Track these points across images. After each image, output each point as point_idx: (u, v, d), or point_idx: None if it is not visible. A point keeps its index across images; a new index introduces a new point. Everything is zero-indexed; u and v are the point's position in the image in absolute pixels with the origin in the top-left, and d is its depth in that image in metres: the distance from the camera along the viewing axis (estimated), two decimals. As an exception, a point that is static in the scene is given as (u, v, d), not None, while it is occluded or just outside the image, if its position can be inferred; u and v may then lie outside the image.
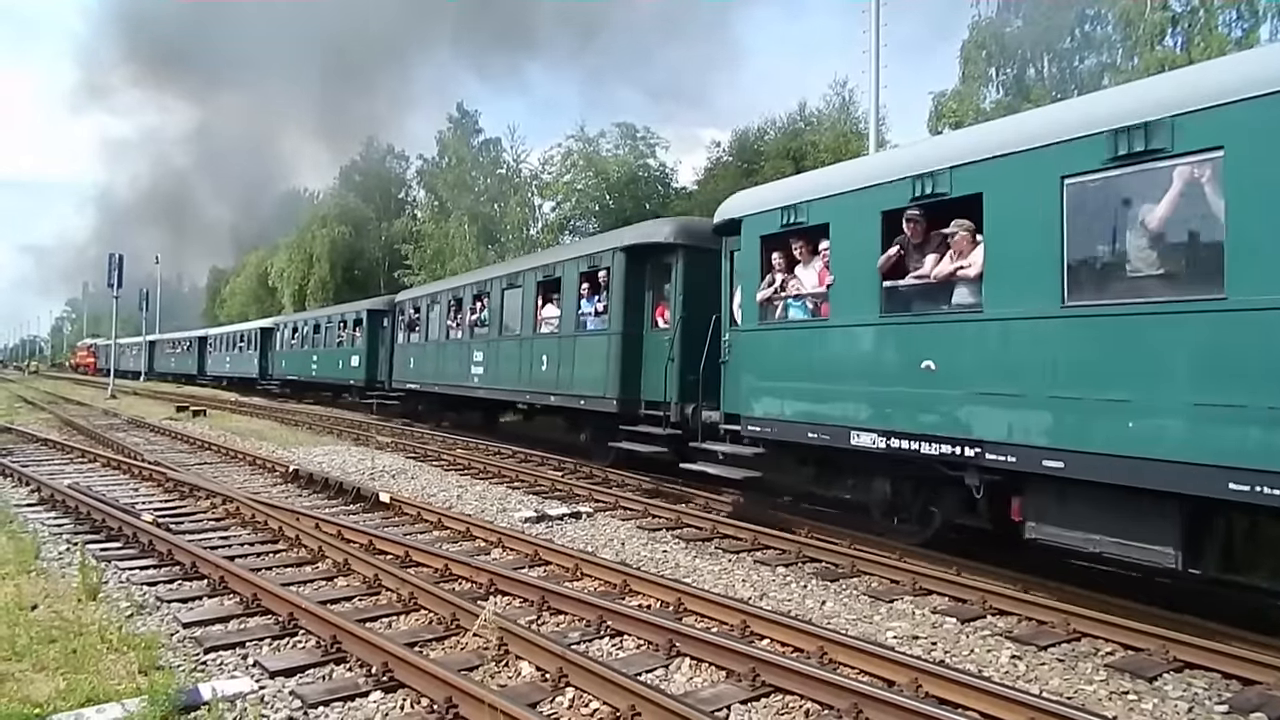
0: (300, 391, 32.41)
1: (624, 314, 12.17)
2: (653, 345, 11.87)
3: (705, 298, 10.60)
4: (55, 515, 9.25)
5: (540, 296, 14.77)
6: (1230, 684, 5.08)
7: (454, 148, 39.70)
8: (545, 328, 14.44)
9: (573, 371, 13.24)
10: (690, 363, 10.68)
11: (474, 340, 17.45)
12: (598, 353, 12.57)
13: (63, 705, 4.27)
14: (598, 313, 12.86)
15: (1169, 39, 23.06)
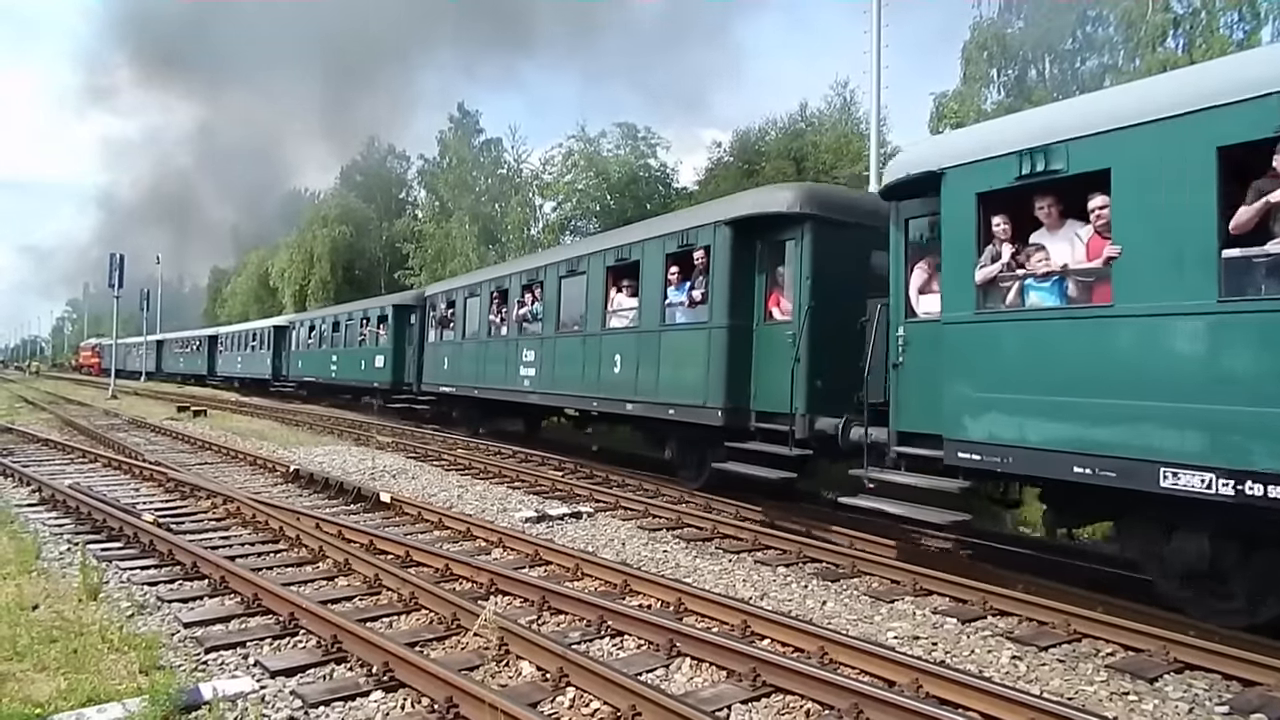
0: (318, 395, 30.37)
1: (730, 303, 9.86)
2: (768, 342, 9.63)
3: (839, 282, 8.84)
4: (56, 515, 9.25)
5: (611, 284, 12.57)
6: (1231, 685, 5.08)
7: (455, 148, 39.73)
8: (618, 321, 12.34)
9: (657, 374, 11.04)
10: (822, 364, 8.82)
11: (524, 337, 15.23)
12: (693, 351, 10.35)
13: (64, 705, 4.27)
14: (692, 302, 10.64)
15: (1170, 40, 23.06)
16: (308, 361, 30.67)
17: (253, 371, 37.53)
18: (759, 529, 8.90)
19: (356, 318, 26.14)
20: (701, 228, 10.59)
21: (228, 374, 42.14)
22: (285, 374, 33.46)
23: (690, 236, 10.79)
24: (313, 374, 29.94)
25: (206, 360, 45.49)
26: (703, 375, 10.08)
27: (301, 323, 32.68)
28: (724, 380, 9.76)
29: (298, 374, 31.86)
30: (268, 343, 35.48)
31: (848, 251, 8.92)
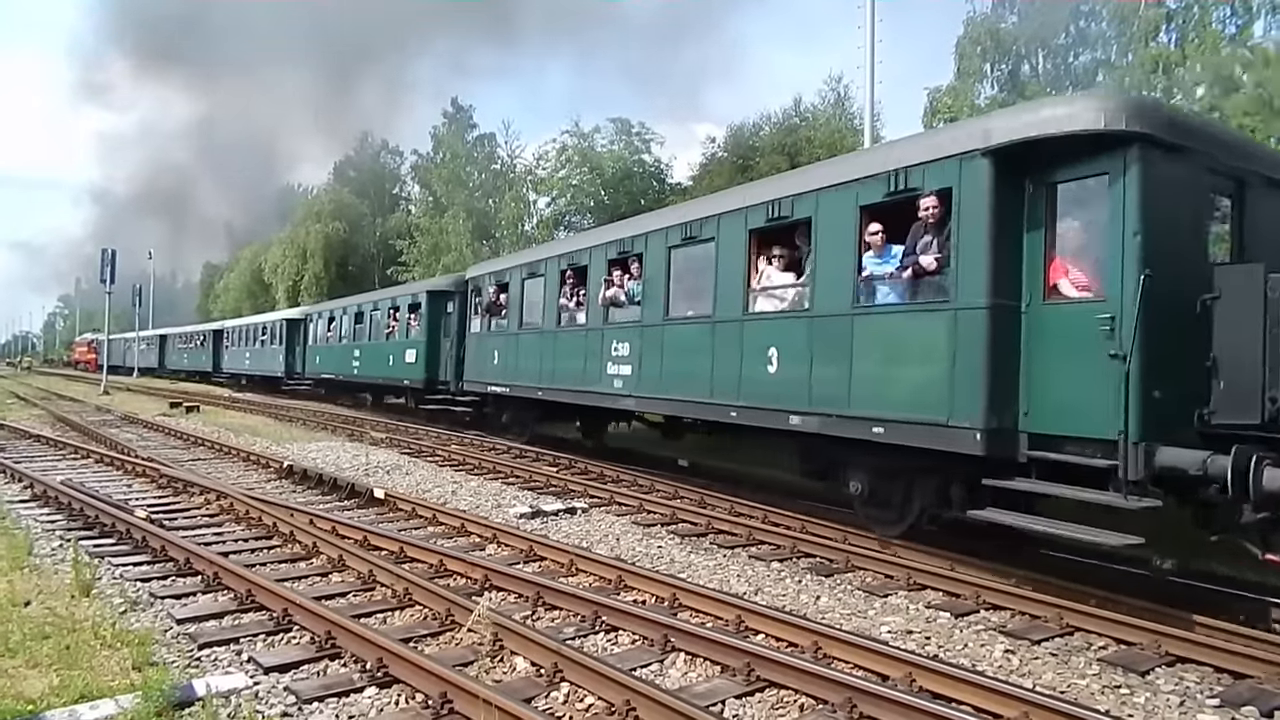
0: (338, 393, 27.52)
1: (991, 272, 6.77)
2: (1051, 329, 6.61)
3: (1179, 241, 6.26)
4: (48, 512, 9.21)
5: (755, 253, 9.56)
6: (1222, 678, 5.11)
7: (448, 143, 39.69)
8: (768, 303, 9.42)
9: (848, 373, 7.97)
10: (1168, 368, 6.01)
11: (612, 326, 12.35)
12: (920, 343, 7.36)
13: (56, 701, 4.26)
14: (917, 273, 7.51)
15: (1163, 35, 23.11)
16: (326, 357, 27.96)
17: (263, 368, 34.42)
18: (753, 525, 8.91)
19: (384, 307, 23.22)
20: (929, 165, 7.44)
21: (235, 371, 39.03)
22: (300, 371, 30.75)
23: (908, 178, 7.60)
24: (332, 370, 27.07)
25: (212, 356, 42.28)
26: (943, 378, 7.04)
27: (319, 315, 29.70)
28: (985, 387, 6.68)
29: (314, 371, 29.13)
30: (280, 337, 32.47)
31: (1188, 196, 6.42)
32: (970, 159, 7.02)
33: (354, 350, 25.38)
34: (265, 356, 34.29)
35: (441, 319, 19.98)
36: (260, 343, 35.22)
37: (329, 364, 27.66)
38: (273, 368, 33.00)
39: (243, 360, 37.64)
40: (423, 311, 20.54)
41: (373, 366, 23.57)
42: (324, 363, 28.27)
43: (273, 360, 33.02)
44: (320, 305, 32.60)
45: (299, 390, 30.68)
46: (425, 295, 20.72)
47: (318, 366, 28.89)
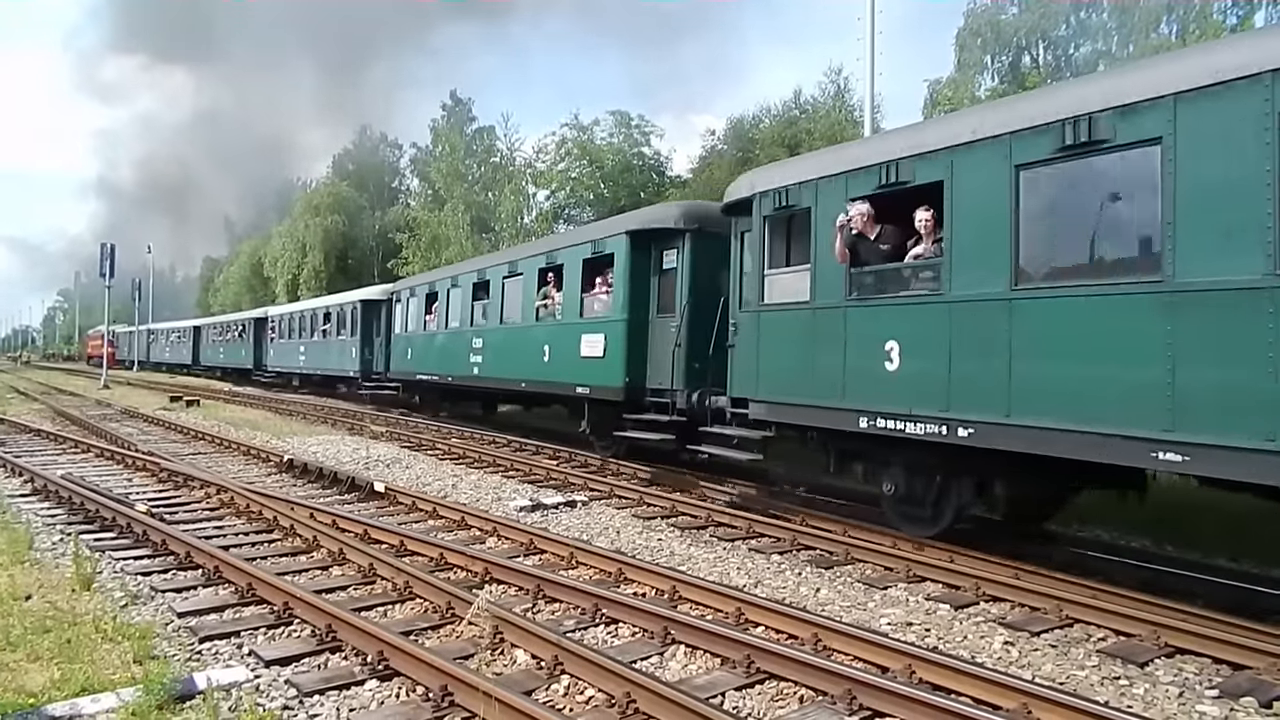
0: (445, 403, 20.24)
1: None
2: None
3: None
4: (49, 506, 9.22)
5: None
6: (1221, 669, 5.11)
7: (447, 136, 39.61)
8: None
9: None
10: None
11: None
12: None
13: (57, 695, 4.27)
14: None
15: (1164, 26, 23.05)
16: (426, 352, 19.95)
17: (326, 365, 26.66)
18: (753, 517, 8.91)
19: (530, 270, 15.11)
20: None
21: (285, 368, 31.50)
22: (383, 370, 23.00)
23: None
24: (434, 370, 19.14)
25: (252, 350, 35.45)
26: None
27: (412, 291, 21.38)
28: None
29: (404, 370, 21.05)
30: (351, 325, 24.51)
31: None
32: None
33: (474, 339, 16.93)
34: (330, 351, 26.61)
35: (645, 280, 12.03)
36: (321, 333, 27.61)
37: (429, 361, 19.61)
38: (341, 365, 25.40)
39: (294, 356, 30.30)
40: (624, 263, 12.04)
41: (519, 361, 14.87)
42: (420, 358, 20.24)
43: (342, 357, 25.41)
44: (412, 280, 24.29)
45: (380, 395, 23.25)
46: (626, 239, 12.08)
47: (409, 364, 20.85)
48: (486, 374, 16.45)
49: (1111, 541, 8.08)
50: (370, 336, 23.70)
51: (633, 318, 11.91)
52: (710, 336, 10.48)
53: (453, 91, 41.58)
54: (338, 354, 25.84)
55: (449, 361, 18.27)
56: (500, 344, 16.00)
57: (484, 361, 16.55)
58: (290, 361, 30.73)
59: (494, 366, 16.17)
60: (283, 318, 32.37)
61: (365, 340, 23.76)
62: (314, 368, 28.28)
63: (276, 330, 32.74)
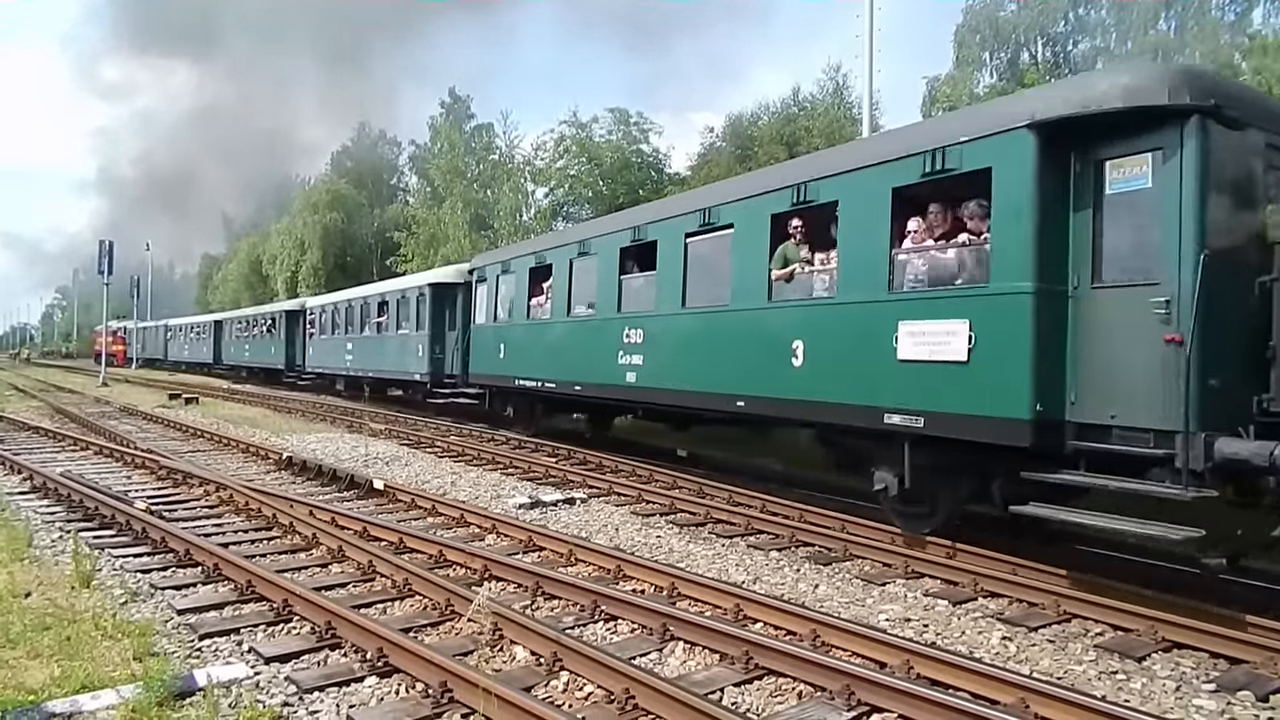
0: (556, 410, 14.93)
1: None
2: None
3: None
4: (48, 503, 9.22)
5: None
6: (1218, 663, 5.14)
7: (446, 133, 39.57)
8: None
9: None
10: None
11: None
12: None
13: (57, 692, 4.27)
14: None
15: (1163, 23, 23.05)
16: (528, 356, 14.53)
17: (383, 366, 21.40)
18: (752, 514, 8.93)
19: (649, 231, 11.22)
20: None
21: (324, 367, 26.15)
22: (460, 372, 17.84)
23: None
24: (558, 377, 13.44)
25: (284, 347, 29.79)
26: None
27: (504, 268, 15.91)
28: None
29: (492, 373, 15.84)
30: (415, 318, 19.67)
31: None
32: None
33: (627, 331, 11.55)
34: (387, 349, 21.48)
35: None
36: (375, 326, 22.05)
37: (536, 361, 14.10)
38: (404, 366, 20.03)
39: (339, 354, 24.88)
40: (1020, 184, 6.60)
41: (717, 368, 9.81)
42: (523, 358, 14.55)
43: (403, 354, 20.20)
44: (504, 251, 18.41)
45: (455, 405, 18.28)
46: (1030, 139, 6.53)
47: (502, 365, 15.30)
48: (653, 383, 10.93)
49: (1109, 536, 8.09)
50: (442, 330, 18.82)
51: (1047, 289, 6.25)
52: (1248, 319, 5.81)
53: (451, 89, 41.55)
54: (397, 352, 20.52)
55: (577, 364, 12.76)
56: (683, 338, 10.41)
57: (646, 365, 11.08)
58: (333, 361, 25.23)
59: (669, 372, 10.60)
60: (324, 309, 26.94)
61: (436, 334, 18.76)
62: (365, 369, 22.70)
63: (316, 324, 27.41)
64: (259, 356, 34.05)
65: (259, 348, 34.01)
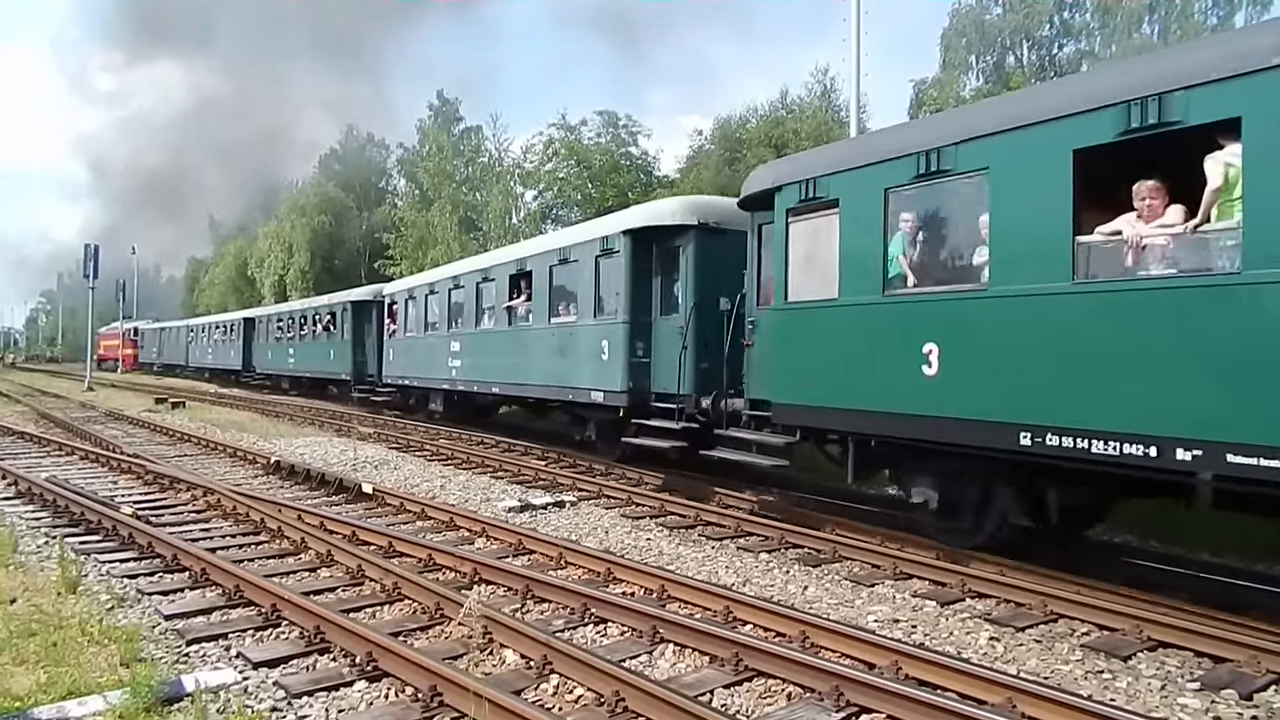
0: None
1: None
2: None
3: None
4: (33, 508, 9.15)
5: None
6: (1202, 662, 5.18)
7: (434, 136, 39.47)
8: None
9: None
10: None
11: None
12: None
13: (44, 698, 4.24)
14: None
15: (1146, 26, 23.26)
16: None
17: (530, 379, 14.11)
18: (742, 516, 8.95)
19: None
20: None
21: (421, 380, 18.90)
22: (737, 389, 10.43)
23: None
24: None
25: (350, 350, 23.82)
26: None
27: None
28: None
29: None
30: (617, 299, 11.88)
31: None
32: None
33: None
34: (496, 346, 15.49)
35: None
36: (503, 313, 15.08)
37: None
38: (588, 382, 12.35)
39: (426, 360, 18.46)
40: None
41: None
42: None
43: (591, 364, 12.34)
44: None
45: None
46: None
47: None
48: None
49: (1095, 537, 8.16)
50: (638, 334, 11.65)
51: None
52: None
53: (439, 91, 41.46)
54: (586, 361, 12.32)
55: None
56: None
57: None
58: (418, 368, 18.88)
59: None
60: (413, 295, 19.75)
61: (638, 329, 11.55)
62: (493, 380, 15.36)
63: (407, 318, 20.01)
64: (310, 362, 27.32)
65: (310, 352, 27.35)
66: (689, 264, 10.72)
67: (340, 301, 26.06)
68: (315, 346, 28.16)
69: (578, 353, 12.52)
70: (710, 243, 10.63)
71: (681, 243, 10.88)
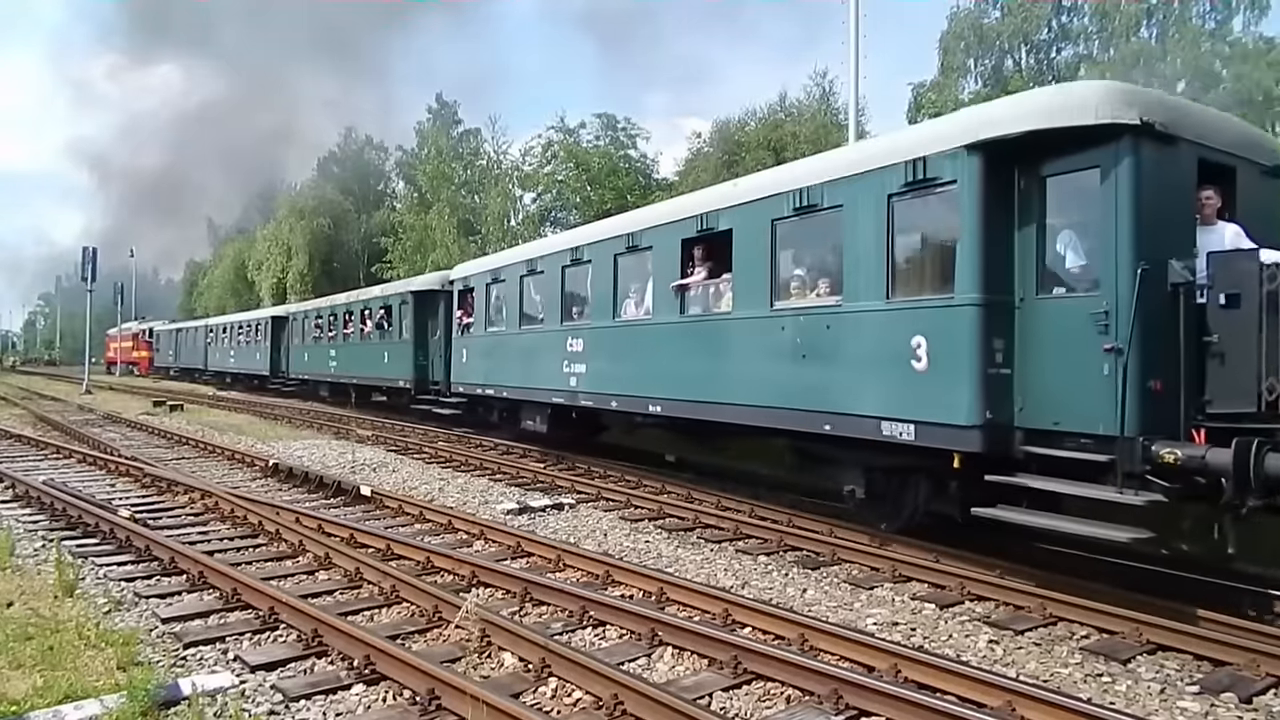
0: None
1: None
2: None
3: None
4: (30, 512, 9.13)
5: None
6: (1201, 665, 5.18)
7: (433, 139, 39.50)
8: None
9: None
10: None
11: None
12: None
13: (40, 702, 4.23)
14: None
15: (1144, 31, 23.30)
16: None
17: (651, 391, 10.55)
18: (740, 519, 8.94)
19: None
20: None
21: (488, 384, 15.29)
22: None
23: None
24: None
25: (409, 355, 19.26)
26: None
27: None
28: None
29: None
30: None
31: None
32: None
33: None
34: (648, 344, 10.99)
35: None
36: (623, 301, 11.49)
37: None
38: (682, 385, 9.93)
39: (553, 367, 12.80)
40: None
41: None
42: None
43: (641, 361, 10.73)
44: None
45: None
46: None
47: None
48: None
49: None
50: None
51: None
52: None
53: (438, 94, 41.55)
54: (867, 371, 7.72)
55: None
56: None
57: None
58: (521, 375, 14.01)
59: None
60: (501, 278, 15.12)
61: (991, 326, 7.07)
62: (649, 394, 10.81)
63: (490, 309, 15.55)
64: (358, 366, 22.82)
65: (358, 354, 22.99)
66: (1123, 199, 6.01)
67: (399, 292, 20.83)
68: (364, 348, 22.51)
69: (845, 357, 7.84)
70: (1158, 161, 6.14)
71: (1104, 161, 6.15)
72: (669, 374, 10.23)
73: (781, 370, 8.44)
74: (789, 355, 8.37)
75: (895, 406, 7.13)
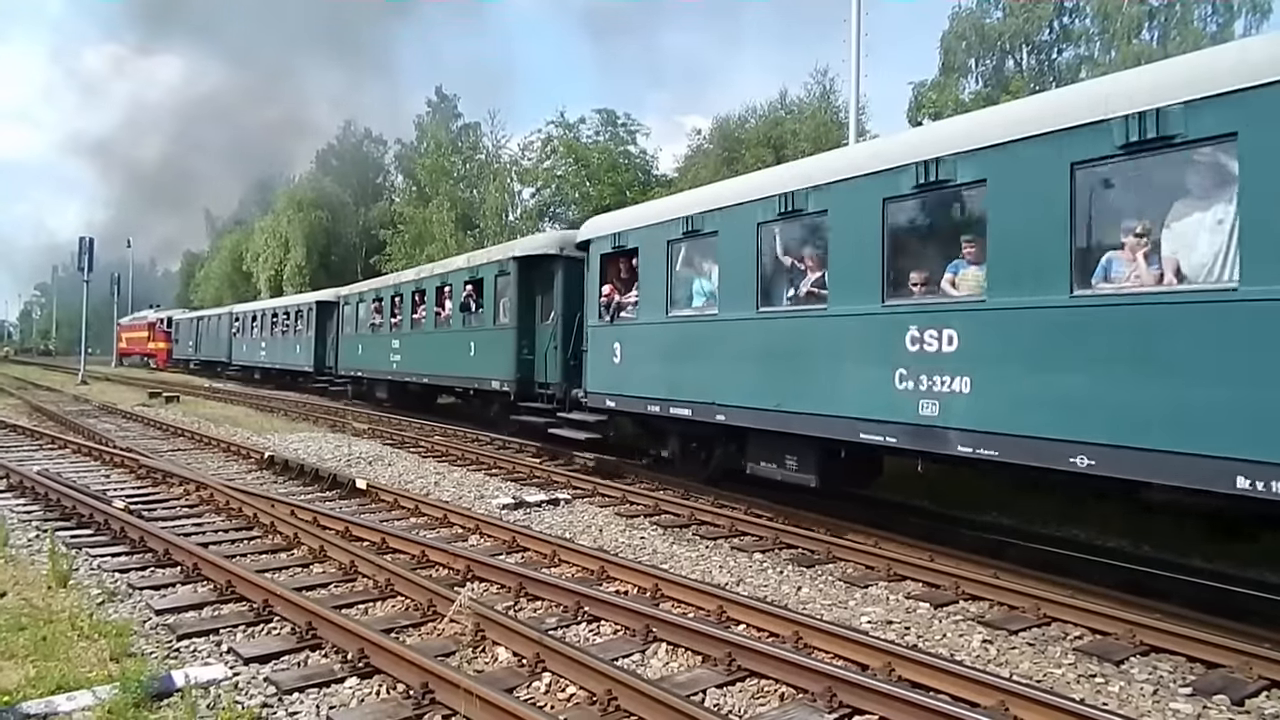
0: None
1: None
2: None
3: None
4: (24, 502, 9.11)
5: None
6: (1194, 667, 5.18)
7: (433, 132, 39.45)
8: None
9: None
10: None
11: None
12: None
13: (33, 693, 4.22)
14: None
15: (1146, 33, 23.29)
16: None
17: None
18: (736, 516, 8.94)
19: None
20: None
21: (724, 406, 8.90)
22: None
23: None
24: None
25: (511, 349, 14.13)
26: None
27: None
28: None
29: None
30: None
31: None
32: None
33: None
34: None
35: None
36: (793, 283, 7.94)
37: None
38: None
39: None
40: None
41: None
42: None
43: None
44: None
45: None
46: None
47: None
48: None
49: (1088, 541, 8.17)
50: None
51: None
52: None
53: (438, 88, 41.52)
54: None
55: None
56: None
57: None
58: (702, 383, 9.40)
59: None
60: (690, 228, 9.64)
61: None
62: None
63: (669, 277, 10.17)
64: (432, 360, 17.87)
65: (430, 347, 18.13)
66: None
67: (496, 260, 15.39)
68: (441, 338, 17.20)
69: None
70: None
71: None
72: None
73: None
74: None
75: None
